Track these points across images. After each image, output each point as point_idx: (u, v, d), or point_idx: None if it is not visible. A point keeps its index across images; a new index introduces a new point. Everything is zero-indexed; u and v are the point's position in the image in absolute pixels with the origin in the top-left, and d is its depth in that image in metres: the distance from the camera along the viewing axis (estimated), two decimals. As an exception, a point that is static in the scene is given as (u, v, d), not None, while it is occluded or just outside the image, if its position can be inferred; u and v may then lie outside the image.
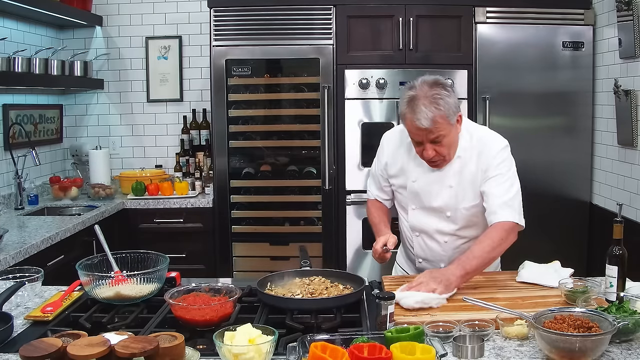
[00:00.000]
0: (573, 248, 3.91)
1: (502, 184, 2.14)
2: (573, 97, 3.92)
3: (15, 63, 3.53)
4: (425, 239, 2.29)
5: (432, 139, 2.07)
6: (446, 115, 2.04)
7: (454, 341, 1.53)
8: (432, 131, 2.05)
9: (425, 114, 2.02)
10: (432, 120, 2.02)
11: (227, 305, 1.72)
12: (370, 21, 3.92)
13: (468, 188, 2.18)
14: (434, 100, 2.03)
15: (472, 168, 2.18)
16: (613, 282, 1.83)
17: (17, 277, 2.08)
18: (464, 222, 2.22)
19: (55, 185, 4.13)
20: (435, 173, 2.21)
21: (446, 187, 2.19)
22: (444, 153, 2.13)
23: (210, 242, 4.07)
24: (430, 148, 2.09)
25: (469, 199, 2.18)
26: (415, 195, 2.25)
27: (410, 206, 2.29)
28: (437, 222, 2.24)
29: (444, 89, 2.07)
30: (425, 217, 2.26)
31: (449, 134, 2.09)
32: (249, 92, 4.10)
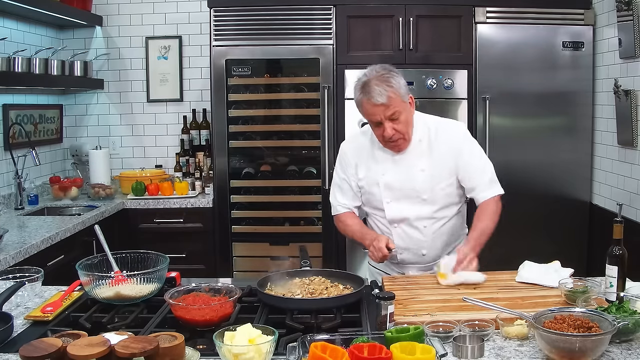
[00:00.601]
0: (573, 248, 3.91)
1: (481, 164, 2.35)
2: (573, 97, 3.92)
3: (15, 63, 3.53)
4: (404, 228, 2.36)
5: (389, 115, 2.18)
6: (398, 91, 2.18)
7: (454, 341, 1.53)
8: (388, 107, 2.17)
9: (378, 91, 2.16)
10: (387, 97, 2.16)
11: (227, 305, 1.72)
12: (370, 21, 3.92)
13: (441, 170, 2.30)
14: (385, 79, 2.18)
15: (442, 150, 2.30)
16: (613, 282, 1.83)
17: (17, 277, 2.08)
18: (441, 203, 2.33)
19: (55, 185, 4.13)
20: (403, 162, 2.31)
21: (418, 171, 2.30)
22: (402, 131, 2.23)
23: (210, 242, 4.07)
24: (389, 127, 2.20)
25: (444, 179, 2.31)
26: (389, 187, 2.33)
27: (384, 200, 2.35)
28: (415, 208, 2.32)
29: (391, 71, 2.22)
30: (402, 205, 2.33)
31: (404, 111, 2.21)
32: (249, 92, 4.10)
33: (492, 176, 2.36)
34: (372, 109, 2.19)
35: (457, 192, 2.36)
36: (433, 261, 2.34)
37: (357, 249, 3.96)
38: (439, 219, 2.35)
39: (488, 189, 2.33)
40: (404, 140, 2.27)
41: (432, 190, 2.30)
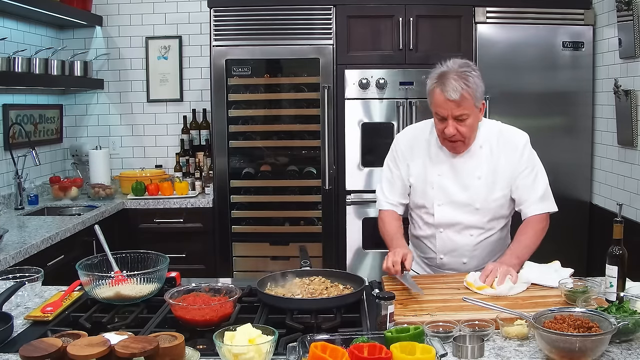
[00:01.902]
0: (573, 248, 3.91)
1: (536, 178, 2.24)
2: (573, 97, 3.92)
3: (15, 63, 3.53)
4: (450, 234, 2.28)
5: (456, 115, 2.10)
6: (473, 93, 2.09)
7: (454, 341, 1.53)
8: (459, 105, 2.08)
9: (454, 86, 2.06)
10: (461, 95, 2.06)
11: (227, 305, 1.72)
12: (370, 21, 3.92)
13: (498, 179, 2.22)
14: (464, 76, 2.08)
15: (502, 160, 2.22)
16: (613, 282, 1.83)
17: (17, 277, 2.08)
18: (492, 214, 2.25)
19: (55, 185, 4.13)
20: (461, 166, 2.23)
21: (474, 179, 2.22)
22: (465, 134, 2.14)
23: (210, 242, 4.07)
24: (452, 125, 2.12)
25: (498, 190, 2.22)
26: (443, 189, 2.25)
27: (435, 202, 2.26)
28: (466, 216, 2.24)
29: (474, 70, 2.13)
30: (453, 211, 2.25)
31: (472, 115, 2.13)
32: (249, 92, 4.10)
33: (545, 192, 2.25)
34: (442, 102, 2.10)
35: (509, 204, 2.27)
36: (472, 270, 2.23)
37: (357, 249, 3.96)
38: (487, 230, 2.26)
39: (538, 204, 2.22)
40: (463, 144, 2.18)
41: (485, 200, 2.22)
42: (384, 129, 3.91)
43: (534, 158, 2.28)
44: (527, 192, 2.22)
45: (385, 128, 3.91)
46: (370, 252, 3.93)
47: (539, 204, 2.23)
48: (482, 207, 2.23)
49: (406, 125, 3.86)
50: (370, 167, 3.91)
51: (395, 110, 3.88)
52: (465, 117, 2.11)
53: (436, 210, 2.27)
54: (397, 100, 3.88)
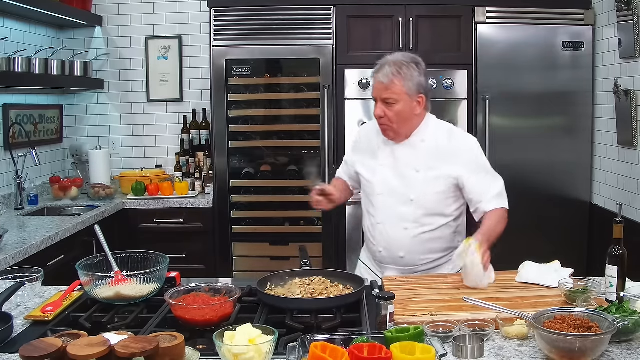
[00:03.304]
0: (573, 248, 3.91)
1: (487, 178, 2.32)
2: (573, 97, 3.92)
3: (15, 63, 3.53)
4: (387, 227, 2.35)
5: (384, 97, 2.24)
6: (403, 81, 2.22)
7: (454, 341, 1.53)
8: (387, 88, 2.22)
9: (386, 70, 2.23)
10: (390, 80, 2.21)
11: (227, 305, 1.72)
12: (370, 21, 3.92)
13: (438, 176, 2.29)
14: (400, 66, 2.23)
15: (446, 157, 2.29)
16: (613, 282, 1.83)
17: (17, 277, 2.08)
18: (429, 208, 2.31)
19: (55, 185, 4.13)
20: (400, 157, 2.32)
21: (413, 171, 2.30)
22: (392, 119, 2.26)
23: (210, 242, 4.07)
24: (380, 107, 2.26)
25: (436, 186, 2.29)
26: (383, 178, 2.35)
27: (376, 191, 2.37)
28: (402, 206, 2.32)
29: (415, 64, 2.26)
30: (390, 201, 2.34)
31: (401, 102, 2.23)
32: (249, 92, 4.10)
33: (502, 192, 2.33)
34: (375, 85, 2.27)
35: (452, 203, 2.33)
36: (411, 265, 2.33)
37: (357, 249, 3.95)
38: (423, 225, 2.32)
39: (494, 200, 2.29)
40: (392, 130, 2.29)
41: (423, 192, 2.29)
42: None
43: (485, 160, 2.37)
44: (483, 191, 2.29)
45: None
46: (370, 252, 3.93)
47: (495, 201, 2.30)
48: (417, 199, 2.30)
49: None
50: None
51: (395, 110, 3.88)
52: (393, 101, 2.23)
53: (376, 199, 2.37)
54: (397, 100, 3.87)
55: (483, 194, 2.28)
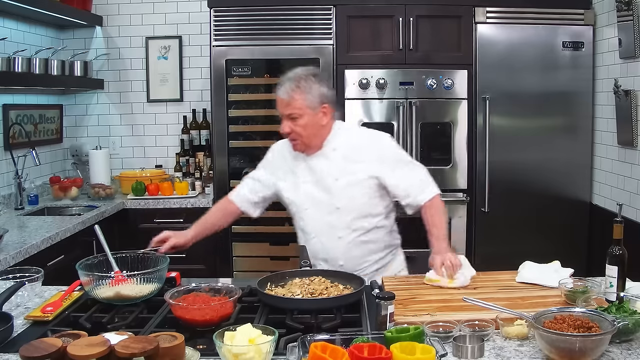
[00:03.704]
0: (573, 248, 3.91)
1: (412, 169, 2.35)
2: (573, 97, 3.92)
3: (15, 63, 3.53)
4: (322, 239, 2.35)
5: (287, 113, 2.26)
6: (305, 96, 2.24)
7: (454, 341, 1.53)
8: (288, 104, 2.24)
9: (285, 87, 2.26)
10: (290, 96, 2.24)
11: (227, 305, 1.72)
12: (370, 21, 3.92)
13: (358, 180, 2.30)
14: (298, 80, 2.26)
15: (362, 160, 2.30)
16: (613, 282, 1.83)
17: (17, 277, 2.08)
18: (358, 212, 2.31)
19: (55, 185, 4.13)
20: (317, 169, 2.32)
21: (332, 180, 2.30)
22: (299, 133, 2.27)
23: (210, 242, 4.05)
24: (285, 123, 2.27)
25: (359, 190, 2.30)
26: (307, 193, 2.35)
27: (303, 207, 2.37)
28: (330, 216, 2.32)
29: (313, 77, 2.28)
30: (319, 214, 2.34)
31: (305, 116, 2.25)
32: (249, 92, 4.10)
33: (425, 178, 2.35)
34: (278, 102, 2.28)
35: (379, 203, 2.34)
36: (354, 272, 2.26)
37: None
38: (355, 230, 2.32)
39: (423, 192, 2.31)
40: (302, 144, 2.29)
41: (346, 199, 2.29)
42: (384, 129, 3.84)
43: (400, 153, 2.38)
44: (408, 184, 2.31)
45: (386, 128, 3.89)
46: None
47: (424, 192, 2.31)
48: (344, 206, 2.30)
49: (406, 125, 3.88)
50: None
51: (395, 110, 3.88)
52: (296, 116, 2.24)
53: (305, 214, 2.37)
54: (397, 100, 3.88)
55: (409, 187, 2.30)
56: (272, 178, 2.46)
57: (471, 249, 3.96)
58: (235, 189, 2.56)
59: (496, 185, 3.91)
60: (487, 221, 3.93)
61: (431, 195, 2.32)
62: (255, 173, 2.53)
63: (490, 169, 3.89)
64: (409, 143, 3.88)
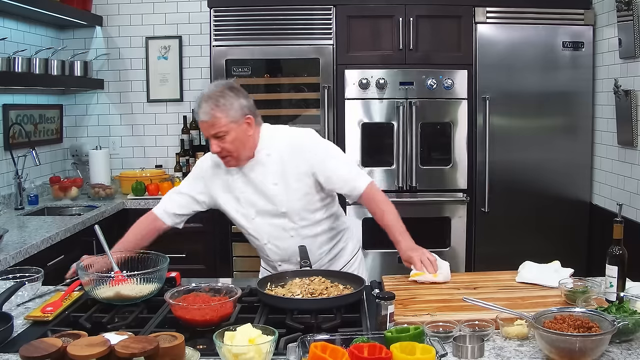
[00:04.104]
0: (573, 248, 3.91)
1: (340, 163, 2.33)
2: (573, 97, 3.92)
3: (15, 63, 3.53)
4: (275, 243, 2.35)
5: (212, 133, 2.19)
6: (226, 113, 2.18)
7: (454, 341, 1.53)
8: (213, 125, 2.17)
9: (204, 108, 2.17)
10: (211, 115, 2.16)
11: (227, 305, 1.72)
12: (370, 21, 3.92)
13: (295, 182, 2.28)
14: (215, 98, 2.18)
15: (294, 161, 2.28)
16: (613, 282, 1.83)
17: (17, 277, 2.08)
18: (300, 213, 2.31)
19: (55, 185, 4.13)
20: (255, 178, 2.29)
21: (271, 185, 2.29)
22: (229, 150, 2.21)
23: (210, 242, 4.06)
24: (214, 144, 2.20)
25: (297, 191, 2.28)
26: (250, 203, 2.32)
27: (250, 217, 2.34)
28: (278, 221, 2.31)
29: (230, 91, 2.22)
30: (266, 219, 2.32)
31: (231, 132, 2.19)
32: (249, 92, 4.06)
33: (357, 169, 2.37)
34: (200, 124, 2.22)
35: (319, 198, 2.33)
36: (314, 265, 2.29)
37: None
38: (303, 226, 2.32)
39: (357, 182, 2.30)
40: (233, 158, 2.24)
41: (288, 202, 2.28)
42: (384, 129, 3.91)
43: (327, 146, 2.37)
44: (341, 176, 2.29)
45: (386, 128, 3.91)
46: (370, 252, 3.93)
47: (359, 180, 2.31)
48: (288, 209, 2.29)
49: (406, 125, 3.88)
50: (370, 167, 3.90)
51: (395, 110, 3.88)
52: (223, 134, 2.18)
53: (252, 223, 2.35)
54: (397, 100, 3.88)
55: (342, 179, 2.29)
56: (206, 193, 2.38)
57: (471, 249, 3.96)
58: (160, 205, 2.43)
59: (496, 185, 3.91)
60: (487, 221, 3.93)
61: (363, 188, 2.30)
62: (183, 188, 2.43)
63: (490, 169, 3.89)
64: (409, 143, 3.88)
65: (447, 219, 3.94)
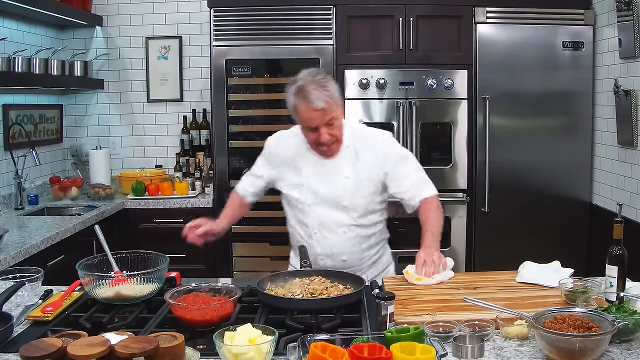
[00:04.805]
0: (573, 248, 3.91)
1: (410, 167, 2.34)
2: (573, 97, 3.92)
3: (15, 63, 3.53)
4: (324, 234, 2.33)
5: (327, 120, 2.17)
6: (334, 97, 2.18)
7: (454, 341, 1.53)
8: (327, 112, 2.15)
9: (317, 96, 2.13)
10: (326, 102, 2.14)
11: (227, 305, 1.72)
12: (370, 21, 3.92)
13: (365, 178, 2.28)
14: (322, 84, 2.16)
15: (367, 158, 2.29)
16: (613, 282, 1.83)
17: (17, 277, 2.08)
18: (361, 210, 2.31)
19: (55, 185, 4.13)
20: (329, 167, 2.30)
21: (342, 178, 2.29)
22: (337, 135, 2.23)
23: (210, 242, 4.05)
24: (325, 132, 2.19)
25: (366, 188, 2.29)
26: (312, 190, 2.31)
27: (306, 203, 2.33)
28: (335, 214, 2.31)
29: (327, 75, 2.23)
30: (323, 210, 2.31)
31: (339, 117, 2.21)
32: (249, 92, 4.10)
33: (424, 177, 2.35)
34: (310, 114, 2.16)
35: (380, 200, 2.35)
36: (353, 267, 2.32)
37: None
38: (359, 225, 2.32)
39: (422, 190, 2.31)
40: (338, 143, 2.26)
41: (352, 197, 2.28)
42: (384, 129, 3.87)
43: (401, 150, 2.38)
44: (407, 181, 2.30)
45: (386, 128, 3.84)
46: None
47: (425, 188, 2.31)
48: (350, 204, 2.29)
49: (406, 125, 3.88)
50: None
51: (395, 110, 3.88)
52: (334, 119, 2.18)
53: (307, 210, 2.33)
54: (397, 100, 3.88)
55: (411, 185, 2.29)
56: (273, 172, 2.43)
57: (471, 249, 3.96)
58: (240, 184, 2.56)
59: (496, 185, 3.91)
60: (487, 221, 3.93)
61: (431, 193, 2.31)
62: (255, 170, 2.50)
63: (490, 169, 3.89)
64: (409, 143, 3.87)
65: (447, 219, 3.94)
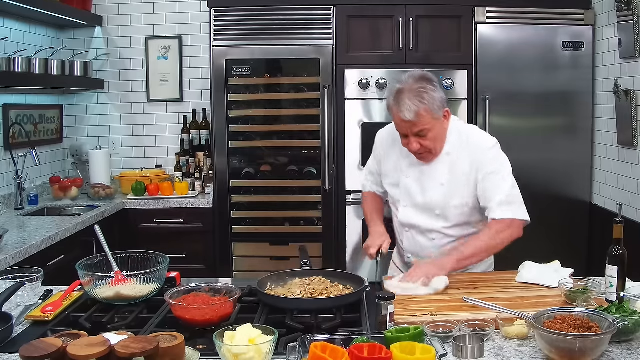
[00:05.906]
0: (573, 248, 3.91)
1: (498, 182, 2.18)
2: (573, 97, 3.92)
3: (15, 63, 3.53)
4: (414, 234, 2.32)
5: (415, 132, 2.12)
6: (430, 109, 2.09)
7: (454, 341, 1.53)
8: (416, 124, 2.10)
9: (409, 106, 2.07)
10: (416, 113, 2.08)
11: (227, 305, 1.72)
12: (370, 21, 3.92)
13: (459, 186, 2.21)
14: (419, 93, 2.08)
15: (465, 167, 2.20)
16: (613, 282, 1.83)
17: (17, 277, 2.08)
18: (454, 220, 2.25)
19: (55, 185, 4.13)
20: (427, 170, 2.24)
21: (438, 185, 2.23)
22: (429, 147, 2.17)
23: (210, 242, 4.07)
24: (414, 141, 2.14)
25: (459, 197, 2.21)
26: (407, 191, 2.29)
27: (401, 203, 2.32)
28: (427, 220, 2.27)
29: (429, 84, 2.12)
30: (415, 214, 2.29)
31: (434, 128, 2.14)
32: (249, 92, 4.10)
33: (510, 196, 2.16)
34: (399, 121, 2.13)
35: (473, 212, 2.24)
36: None
37: (356, 249, 3.95)
38: (450, 236, 2.26)
39: (499, 208, 2.14)
40: (430, 154, 2.20)
41: (445, 206, 2.21)
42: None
43: (501, 162, 2.22)
44: (489, 194, 2.16)
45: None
46: (370, 252, 3.93)
47: (500, 208, 2.15)
48: (442, 213, 2.24)
49: (406, 125, 3.87)
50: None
51: (395, 110, 3.88)
52: (426, 131, 2.12)
53: (401, 210, 2.32)
54: (397, 100, 3.87)
55: (488, 198, 2.16)
56: (380, 167, 2.42)
57: (471, 249, 3.95)
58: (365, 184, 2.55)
59: (496, 185, 3.91)
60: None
61: (502, 216, 2.13)
62: (370, 166, 2.51)
63: (490, 169, 3.88)
64: (409, 143, 3.87)
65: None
